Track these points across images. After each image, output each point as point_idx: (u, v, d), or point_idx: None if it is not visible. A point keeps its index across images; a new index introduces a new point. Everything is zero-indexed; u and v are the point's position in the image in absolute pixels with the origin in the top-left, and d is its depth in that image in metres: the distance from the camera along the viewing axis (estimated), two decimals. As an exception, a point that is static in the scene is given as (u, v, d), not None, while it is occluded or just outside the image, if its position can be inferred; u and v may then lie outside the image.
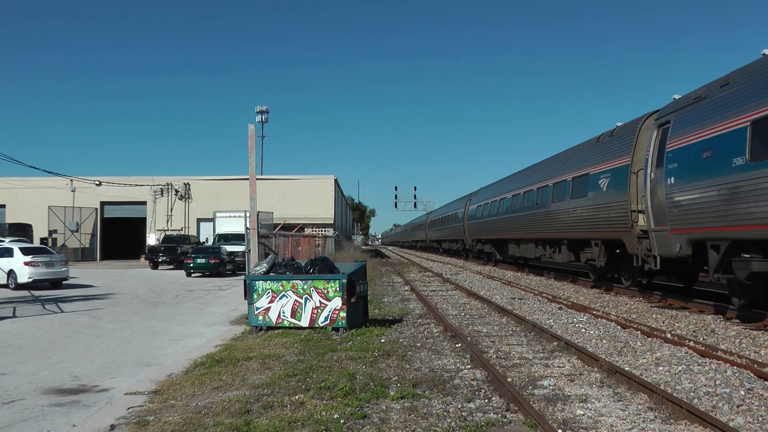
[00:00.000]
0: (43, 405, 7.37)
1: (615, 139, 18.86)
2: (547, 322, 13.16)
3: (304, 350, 10.23)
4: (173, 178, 51.00)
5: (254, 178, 15.13)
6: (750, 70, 12.28)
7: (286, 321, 12.29)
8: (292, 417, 6.46)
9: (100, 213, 50.88)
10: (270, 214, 40.76)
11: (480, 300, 17.50)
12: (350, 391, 7.40)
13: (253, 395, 7.41)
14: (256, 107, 67.72)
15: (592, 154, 20.31)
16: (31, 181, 49.44)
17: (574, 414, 6.67)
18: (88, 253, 49.62)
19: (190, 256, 31.01)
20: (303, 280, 12.28)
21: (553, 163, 25.02)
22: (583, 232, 20.18)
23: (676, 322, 12.99)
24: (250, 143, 14.83)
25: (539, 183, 25.22)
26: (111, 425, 6.52)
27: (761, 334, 11.04)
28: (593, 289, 19.93)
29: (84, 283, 26.60)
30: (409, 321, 13.73)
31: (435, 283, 25.06)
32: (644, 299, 16.72)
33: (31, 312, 16.65)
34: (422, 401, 7.09)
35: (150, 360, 10.15)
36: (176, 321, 14.88)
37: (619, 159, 17.72)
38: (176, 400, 7.36)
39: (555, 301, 16.83)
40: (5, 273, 23.33)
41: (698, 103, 13.75)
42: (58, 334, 12.86)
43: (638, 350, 9.99)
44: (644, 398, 7.14)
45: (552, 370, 8.79)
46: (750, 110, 11.50)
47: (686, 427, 6.16)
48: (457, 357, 9.71)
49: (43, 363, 9.91)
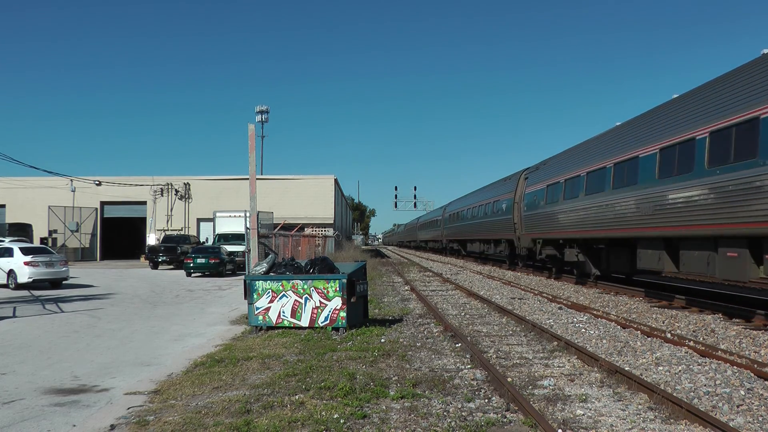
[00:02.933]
0: (43, 405, 7.36)
1: (510, 181, 31.65)
2: (547, 322, 13.16)
3: (304, 350, 10.23)
4: (173, 178, 51.00)
5: (254, 178, 15.13)
6: (555, 158, 25.11)
7: (286, 321, 12.29)
8: (292, 417, 6.46)
9: (100, 213, 50.88)
10: (270, 214, 40.74)
11: (480, 300, 17.50)
12: (350, 391, 7.40)
13: (253, 395, 7.41)
14: (256, 107, 67.87)
15: (500, 188, 33.57)
16: (31, 181, 49.45)
17: (574, 414, 6.67)
18: (88, 253, 49.61)
19: (190, 256, 31.01)
20: (303, 280, 12.28)
21: (485, 190, 39.20)
22: (495, 234, 33.21)
23: (676, 321, 13.00)
24: (250, 143, 14.84)
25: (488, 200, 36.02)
26: (111, 425, 6.52)
27: (761, 334, 11.04)
28: (593, 289, 19.94)
29: (84, 283, 26.60)
30: (409, 321, 13.73)
31: (435, 282, 25.06)
32: (644, 299, 16.73)
33: (31, 312, 16.65)
34: (422, 401, 7.08)
35: (150, 360, 10.15)
36: (176, 321, 14.88)
37: (507, 194, 30.76)
38: (176, 400, 7.35)
39: (555, 301, 16.84)
40: (5, 273, 23.33)
41: (537, 169, 26.71)
42: (58, 334, 12.86)
43: (638, 350, 9.99)
44: (644, 398, 7.14)
45: (552, 369, 8.79)
46: (547, 180, 24.06)
47: (686, 427, 6.16)
48: (457, 357, 9.71)
49: (43, 363, 9.91)
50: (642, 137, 16.14)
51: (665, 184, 14.30)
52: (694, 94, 14.08)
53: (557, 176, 22.84)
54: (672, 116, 14.77)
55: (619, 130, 18.71)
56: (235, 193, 48.40)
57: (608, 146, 18.77)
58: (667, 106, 15.46)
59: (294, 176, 51.85)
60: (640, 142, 16.11)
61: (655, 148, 15.09)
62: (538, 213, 24.67)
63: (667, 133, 14.66)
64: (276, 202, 47.36)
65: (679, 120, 14.30)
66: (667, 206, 14.12)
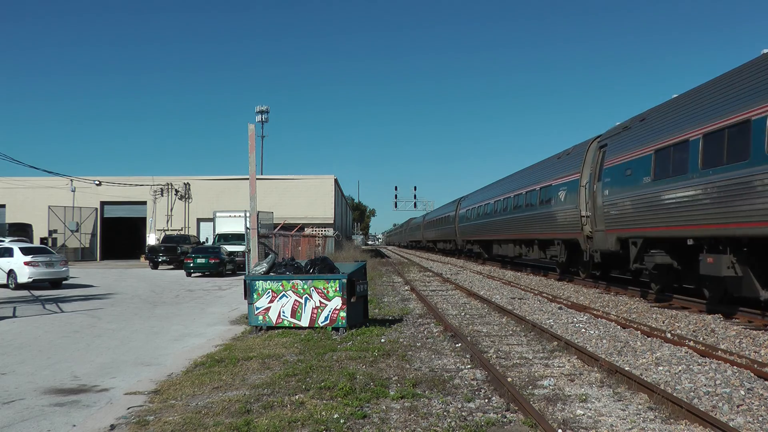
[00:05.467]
0: (43, 405, 7.37)
1: (571, 156, 22.35)
2: (547, 322, 13.16)
3: (304, 350, 10.23)
4: (173, 178, 51.01)
5: (254, 178, 15.13)
6: (659, 110, 15.93)
7: (286, 321, 12.30)
8: (292, 417, 6.46)
9: (100, 213, 50.89)
10: (270, 214, 40.74)
11: (480, 300, 17.50)
12: (350, 391, 7.40)
13: (253, 395, 7.41)
14: (256, 107, 67.96)
15: (554, 169, 24.08)
16: (31, 180, 49.45)
17: (574, 414, 6.67)
18: (88, 253, 49.62)
19: (190, 255, 31.02)
20: (303, 279, 12.28)
21: (524, 175, 29.15)
22: (548, 233, 24.07)
23: (676, 321, 13.00)
24: (250, 143, 14.84)
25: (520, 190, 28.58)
26: (111, 425, 6.52)
27: (761, 334, 11.04)
28: (593, 289, 19.95)
29: (84, 283, 26.60)
30: (409, 321, 13.73)
31: (435, 282, 25.06)
32: (644, 299, 16.73)
33: (31, 312, 16.65)
34: (422, 401, 7.09)
35: (150, 360, 10.15)
36: (176, 321, 14.88)
37: (573, 173, 21.43)
38: (176, 400, 7.35)
39: (555, 301, 16.84)
40: (5, 273, 23.33)
41: (626, 130, 17.24)
42: (58, 334, 12.86)
43: (638, 350, 9.99)
44: (644, 398, 7.14)
45: (552, 369, 8.79)
46: (657, 141, 15.13)
47: (686, 426, 6.16)
48: (457, 357, 9.71)
49: (43, 363, 9.91)
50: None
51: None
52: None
53: (680, 132, 13.91)
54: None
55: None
56: (235, 193, 48.40)
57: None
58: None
59: (294, 176, 51.87)
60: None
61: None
62: (638, 196, 15.74)
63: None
64: (276, 202, 47.36)
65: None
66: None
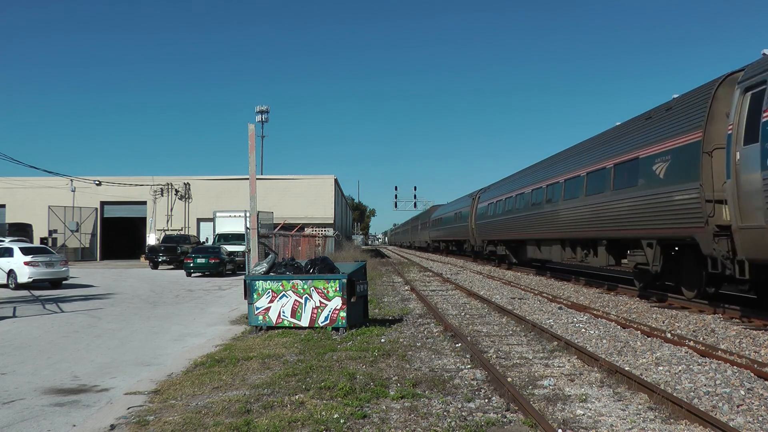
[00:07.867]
0: (43, 405, 7.36)
1: (674, 112, 14.87)
2: (547, 322, 13.16)
3: (304, 350, 10.23)
4: (173, 178, 51.01)
5: (254, 178, 15.13)
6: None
7: (286, 321, 12.29)
8: (292, 417, 6.46)
9: (100, 213, 50.89)
10: (270, 214, 40.75)
11: (480, 300, 17.50)
12: (350, 391, 7.40)
13: (253, 395, 7.41)
14: (256, 107, 67.92)
15: (642, 135, 16.35)
16: (31, 180, 49.46)
17: (574, 414, 6.67)
18: (88, 252, 49.62)
19: (190, 255, 31.03)
20: (303, 279, 12.28)
21: (583, 150, 21.27)
22: (629, 230, 16.47)
23: (676, 321, 12.99)
24: (250, 143, 14.84)
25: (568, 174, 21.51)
26: (111, 425, 6.52)
27: (761, 334, 11.04)
28: (594, 289, 19.94)
29: (84, 283, 26.60)
30: (409, 321, 13.73)
31: (435, 282, 25.06)
32: (644, 299, 16.72)
33: (31, 312, 16.65)
34: (422, 401, 7.08)
35: (150, 360, 10.15)
36: (176, 321, 14.88)
37: (684, 136, 13.86)
38: (176, 400, 7.35)
39: (555, 301, 16.84)
40: (5, 273, 23.33)
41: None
42: (58, 334, 12.86)
43: (638, 350, 9.99)
44: (644, 398, 7.14)
45: (552, 369, 8.79)
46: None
47: (686, 426, 6.16)
48: (457, 357, 9.71)
49: (43, 363, 9.91)
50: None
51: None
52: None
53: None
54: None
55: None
56: (235, 193, 48.41)
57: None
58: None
59: (294, 176, 51.87)
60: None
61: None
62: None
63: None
64: (276, 202, 47.37)
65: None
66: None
